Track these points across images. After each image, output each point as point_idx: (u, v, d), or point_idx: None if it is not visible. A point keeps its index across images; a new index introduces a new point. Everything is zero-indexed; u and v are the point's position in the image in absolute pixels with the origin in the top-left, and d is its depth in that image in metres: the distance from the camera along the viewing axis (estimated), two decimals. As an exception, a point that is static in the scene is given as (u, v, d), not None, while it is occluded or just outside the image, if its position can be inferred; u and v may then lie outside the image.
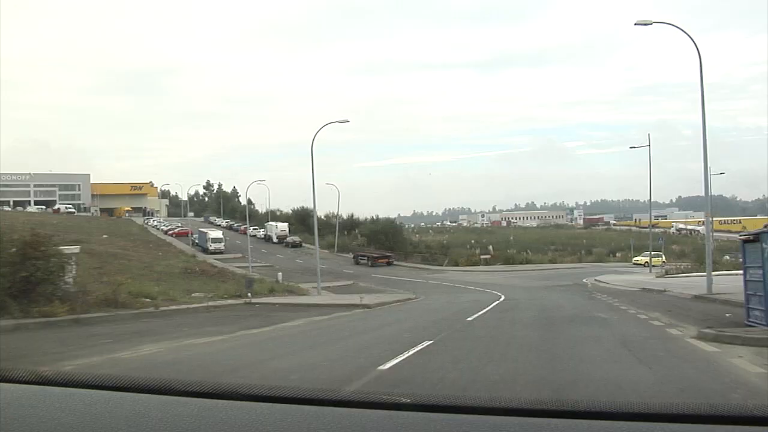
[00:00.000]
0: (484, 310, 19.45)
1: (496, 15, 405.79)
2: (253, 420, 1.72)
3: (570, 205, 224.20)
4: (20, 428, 1.73)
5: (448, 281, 44.66)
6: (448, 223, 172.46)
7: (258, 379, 6.52)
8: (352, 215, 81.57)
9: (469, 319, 16.02)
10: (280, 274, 46.84)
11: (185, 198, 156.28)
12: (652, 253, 61.19)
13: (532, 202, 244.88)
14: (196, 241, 76.48)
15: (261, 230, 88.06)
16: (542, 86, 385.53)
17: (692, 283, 30.10)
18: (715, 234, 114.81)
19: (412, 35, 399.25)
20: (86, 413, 1.86)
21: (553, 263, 62.29)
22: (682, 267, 41.09)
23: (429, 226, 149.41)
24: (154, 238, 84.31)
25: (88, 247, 50.86)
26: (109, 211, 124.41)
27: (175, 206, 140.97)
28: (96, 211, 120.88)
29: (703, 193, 25.28)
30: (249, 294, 28.69)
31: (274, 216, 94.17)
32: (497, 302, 24.01)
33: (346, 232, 76.17)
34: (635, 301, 22.49)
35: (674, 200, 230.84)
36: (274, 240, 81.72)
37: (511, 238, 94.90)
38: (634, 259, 60.29)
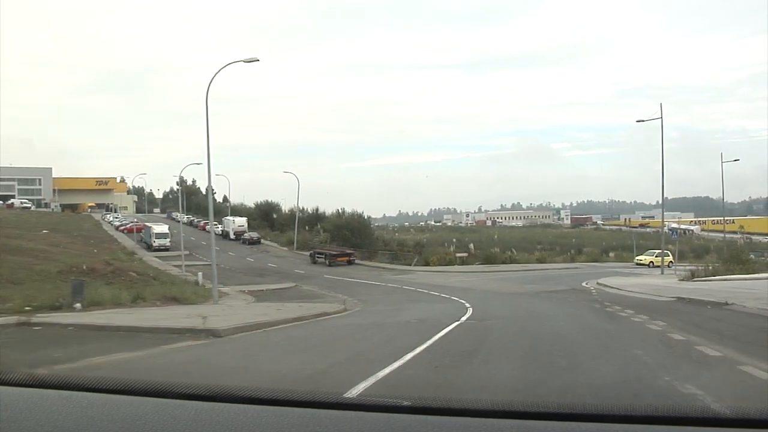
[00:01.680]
0: (417, 351, 8.71)
1: (484, 16, 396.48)
2: (249, 422, 1.64)
3: (556, 206, 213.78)
4: (17, 431, 1.66)
5: (410, 284, 33.87)
6: (433, 223, 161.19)
7: None
8: (317, 209, 70.42)
9: (351, 392, 5.17)
10: (200, 274, 36.36)
11: (160, 195, 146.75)
12: (658, 252, 51.10)
13: (518, 203, 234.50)
14: (143, 238, 66.15)
15: (219, 226, 77.11)
16: (529, 88, 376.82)
17: (747, 289, 19.66)
18: (710, 234, 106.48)
19: (399, 36, 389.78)
20: (83, 416, 1.76)
21: (542, 263, 51.46)
22: (711, 268, 30.34)
23: (411, 225, 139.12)
24: (103, 234, 75.23)
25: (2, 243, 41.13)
26: (73, 207, 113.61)
27: (149, 203, 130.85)
28: (56, 206, 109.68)
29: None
30: (77, 305, 17.86)
31: (237, 211, 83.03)
32: (454, 325, 13.22)
33: (306, 228, 65.16)
34: (700, 325, 11.84)
35: (660, 201, 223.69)
36: (232, 236, 70.88)
37: (495, 236, 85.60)
38: (637, 258, 50.12)
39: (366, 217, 61.37)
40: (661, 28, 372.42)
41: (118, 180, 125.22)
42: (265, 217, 77.47)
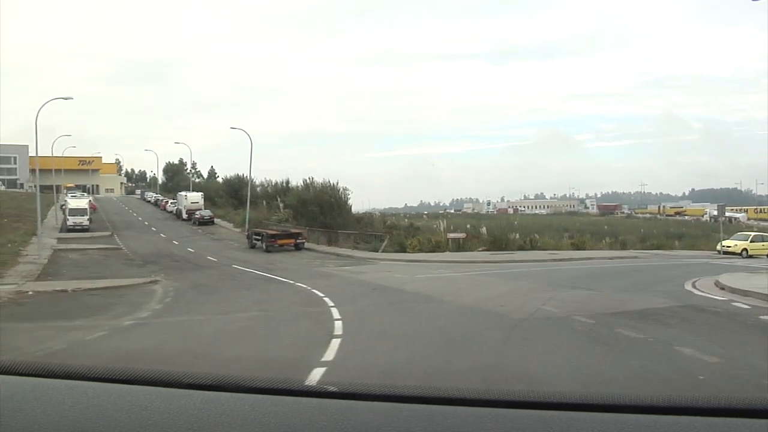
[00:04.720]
0: None
1: (507, 6, 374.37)
2: (256, 412, 1.56)
3: (580, 197, 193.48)
4: (23, 421, 1.56)
5: (337, 284, 16.73)
6: (452, 212, 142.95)
7: None
8: (288, 181, 52.89)
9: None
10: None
11: (162, 178, 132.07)
12: (753, 235, 33.08)
13: (542, 193, 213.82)
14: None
15: (175, 203, 61.05)
16: (551, 78, 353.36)
17: None
18: (760, 222, 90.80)
19: (421, 26, 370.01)
20: (89, 405, 1.66)
21: (579, 250, 33.35)
22: None
23: (426, 213, 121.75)
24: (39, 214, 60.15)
25: None
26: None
27: (150, 186, 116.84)
28: (31, 187, 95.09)
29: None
30: None
31: (202, 187, 66.56)
32: None
33: (265, 203, 48.00)
34: None
35: (687, 193, 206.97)
36: (184, 215, 54.43)
37: (516, 222, 67.98)
38: (724, 243, 32.17)
39: (341, 189, 43.60)
40: (685, 18, 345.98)
41: (103, 160, 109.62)
42: (235, 194, 60.76)
